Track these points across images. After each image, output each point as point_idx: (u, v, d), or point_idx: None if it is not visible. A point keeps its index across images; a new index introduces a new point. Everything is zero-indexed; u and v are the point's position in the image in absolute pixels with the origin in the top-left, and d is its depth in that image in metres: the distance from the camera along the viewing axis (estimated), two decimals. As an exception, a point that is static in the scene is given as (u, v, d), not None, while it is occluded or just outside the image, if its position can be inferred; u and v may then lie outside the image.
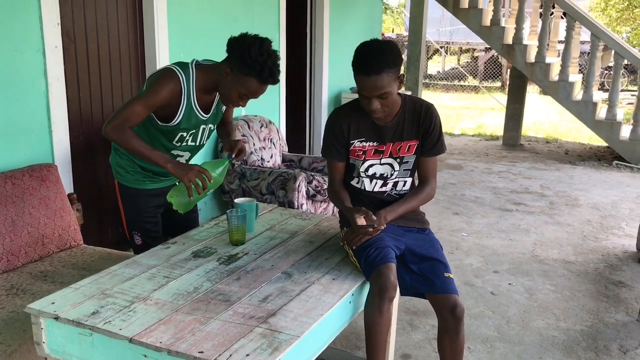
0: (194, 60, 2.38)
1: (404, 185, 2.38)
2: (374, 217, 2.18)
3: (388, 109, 2.19)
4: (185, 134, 2.43)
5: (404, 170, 2.35)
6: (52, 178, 2.76)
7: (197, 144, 2.53)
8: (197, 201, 2.36)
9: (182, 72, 2.28)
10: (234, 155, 2.43)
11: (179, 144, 2.46)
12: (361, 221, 2.16)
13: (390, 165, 2.33)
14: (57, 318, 1.71)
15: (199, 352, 1.53)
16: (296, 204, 3.97)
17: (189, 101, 2.32)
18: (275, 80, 2.27)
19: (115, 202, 2.66)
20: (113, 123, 2.22)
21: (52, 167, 2.81)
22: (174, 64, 2.34)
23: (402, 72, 2.21)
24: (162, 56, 3.78)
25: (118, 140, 2.25)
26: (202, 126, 2.46)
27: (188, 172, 2.20)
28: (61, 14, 3.04)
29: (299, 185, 3.97)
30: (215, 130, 2.61)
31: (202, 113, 2.40)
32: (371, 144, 2.31)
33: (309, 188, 4.15)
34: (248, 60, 2.18)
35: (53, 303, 1.79)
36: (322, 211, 4.32)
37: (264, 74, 2.21)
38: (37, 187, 2.67)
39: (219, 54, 2.38)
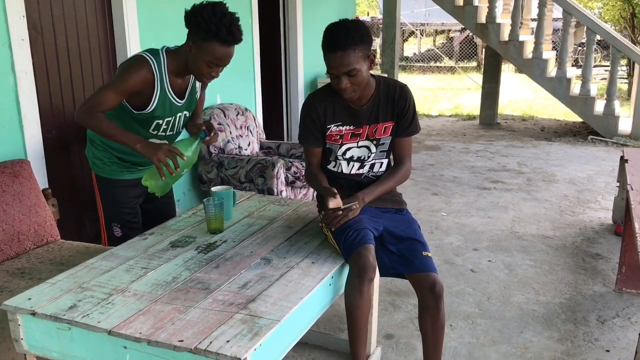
0: (164, 46, 2.37)
1: (380, 167, 2.38)
2: (350, 203, 2.19)
3: (358, 87, 2.19)
4: (161, 122, 2.41)
5: (380, 152, 2.35)
6: (25, 174, 2.72)
7: (175, 132, 2.52)
8: (172, 183, 2.33)
9: (153, 58, 2.27)
10: (210, 134, 2.35)
11: (156, 132, 2.43)
12: (333, 204, 2.16)
13: (367, 147, 2.34)
14: (34, 314, 1.69)
15: (179, 341, 1.52)
16: (275, 191, 3.96)
17: (162, 87, 2.31)
18: (236, 39, 2.20)
19: (92, 195, 2.63)
20: (83, 107, 2.23)
21: (24, 163, 2.76)
22: (145, 51, 2.33)
23: (373, 52, 2.20)
24: (133, 46, 3.71)
25: (88, 124, 2.24)
26: (179, 114, 2.45)
27: (157, 152, 2.16)
28: (26, 6, 2.97)
29: (277, 172, 3.96)
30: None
31: (176, 99, 2.39)
32: (348, 127, 2.31)
33: (288, 175, 4.14)
34: (203, 25, 2.15)
35: (30, 299, 1.77)
36: (301, 197, 4.32)
37: (221, 34, 2.15)
38: (10, 184, 2.62)
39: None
